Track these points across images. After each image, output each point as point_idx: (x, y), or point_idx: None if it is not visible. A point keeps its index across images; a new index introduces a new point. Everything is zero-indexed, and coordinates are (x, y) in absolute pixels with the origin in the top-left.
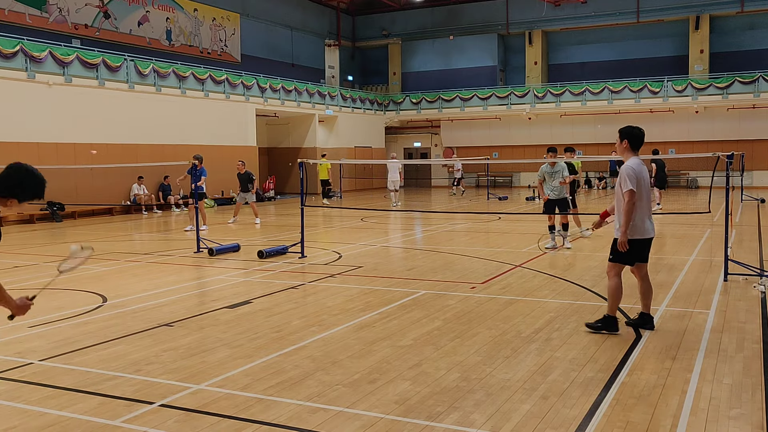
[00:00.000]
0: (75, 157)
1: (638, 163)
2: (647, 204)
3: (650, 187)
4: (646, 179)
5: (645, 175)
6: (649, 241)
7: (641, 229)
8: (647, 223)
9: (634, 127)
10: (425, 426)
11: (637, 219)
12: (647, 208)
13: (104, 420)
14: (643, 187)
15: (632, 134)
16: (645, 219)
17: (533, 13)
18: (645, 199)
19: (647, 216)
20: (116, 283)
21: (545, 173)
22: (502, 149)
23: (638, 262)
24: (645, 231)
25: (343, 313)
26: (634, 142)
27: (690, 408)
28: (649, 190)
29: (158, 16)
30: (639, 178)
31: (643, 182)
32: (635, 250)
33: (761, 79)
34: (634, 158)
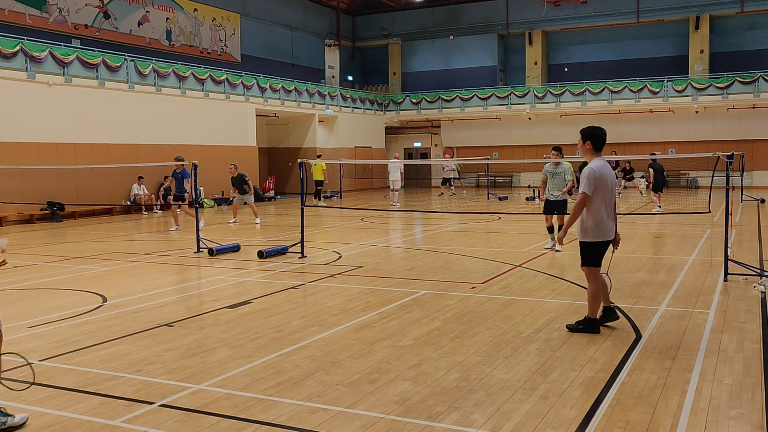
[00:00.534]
0: (75, 157)
1: (600, 165)
2: (609, 206)
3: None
4: (610, 180)
5: (608, 176)
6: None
7: (605, 230)
8: (609, 225)
9: (596, 128)
10: (425, 426)
11: (600, 220)
12: (611, 210)
13: (104, 420)
14: (606, 188)
15: (594, 135)
16: (608, 221)
17: (533, 13)
18: (608, 200)
19: (609, 217)
20: (116, 283)
21: (547, 173)
22: (502, 149)
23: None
24: (608, 233)
25: (343, 313)
26: (596, 143)
27: (690, 408)
28: (613, 192)
29: (158, 16)
30: (600, 179)
31: (606, 183)
32: (602, 251)
33: (761, 79)
34: (597, 159)
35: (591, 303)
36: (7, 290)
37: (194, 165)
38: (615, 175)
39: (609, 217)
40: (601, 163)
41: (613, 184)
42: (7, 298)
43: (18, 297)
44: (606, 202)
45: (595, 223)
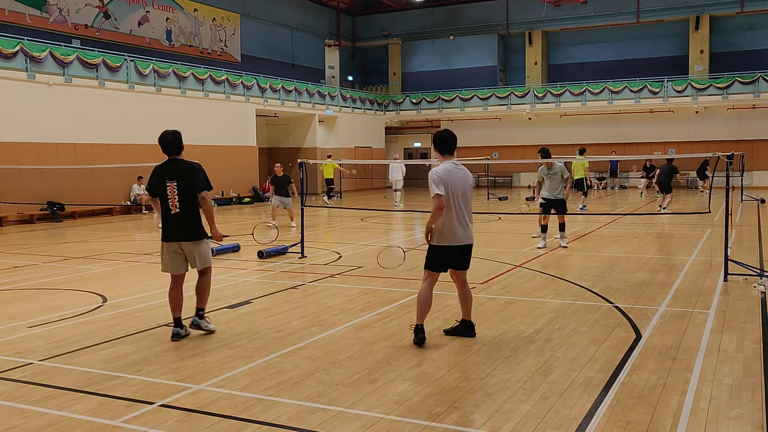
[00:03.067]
0: (75, 157)
1: (446, 168)
2: (459, 211)
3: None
4: (460, 185)
5: (457, 180)
6: (462, 249)
7: (448, 236)
8: (458, 230)
9: (441, 131)
10: (425, 426)
11: (445, 225)
12: (459, 215)
13: (104, 420)
14: (455, 193)
15: (439, 139)
16: (455, 226)
17: (533, 13)
18: (456, 205)
19: (458, 222)
20: (116, 283)
21: (542, 175)
22: (502, 149)
23: (453, 269)
24: (454, 238)
25: (343, 313)
26: (442, 147)
27: (690, 408)
28: (463, 197)
29: (158, 16)
30: (446, 183)
31: (455, 187)
32: (444, 256)
33: (761, 79)
34: (445, 163)
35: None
36: (7, 290)
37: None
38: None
39: (460, 223)
40: (448, 166)
41: (466, 189)
42: (7, 298)
43: (18, 297)
44: (455, 207)
45: (441, 226)
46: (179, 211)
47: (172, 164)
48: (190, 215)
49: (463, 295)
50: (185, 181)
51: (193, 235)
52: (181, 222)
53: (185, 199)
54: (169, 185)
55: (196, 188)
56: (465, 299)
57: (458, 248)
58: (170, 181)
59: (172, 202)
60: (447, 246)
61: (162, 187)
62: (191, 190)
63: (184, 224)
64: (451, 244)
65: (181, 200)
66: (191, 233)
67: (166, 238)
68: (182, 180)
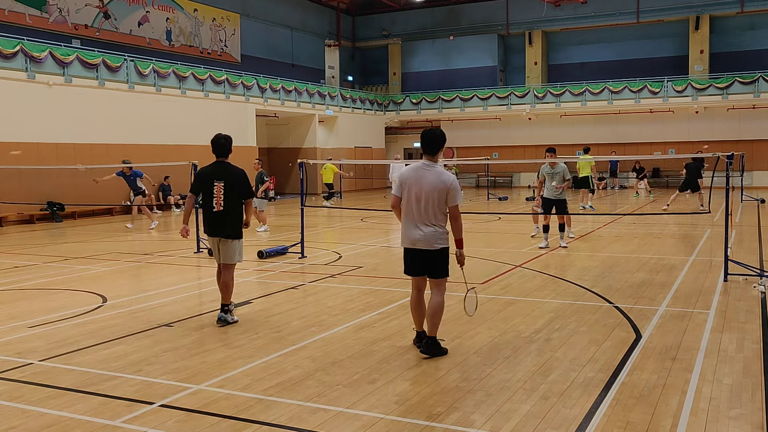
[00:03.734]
0: (75, 157)
1: (412, 168)
2: (413, 212)
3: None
4: (420, 186)
5: (419, 182)
6: (416, 253)
7: (405, 237)
8: (409, 232)
9: (427, 130)
10: (425, 426)
11: (404, 226)
12: (413, 217)
13: (104, 420)
14: (410, 194)
15: (422, 138)
16: (407, 227)
17: (533, 14)
18: (414, 207)
19: (412, 224)
20: (116, 283)
21: (545, 174)
22: (502, 149)
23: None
24: (405, 239)
25: (343, 313)
26: (424, 146)
27: (690, 408)
28: (420, 199)
29: (158, 16)
30: (404, 183)
31: (411, 189)
32: (407, 259)
33: (761, 79)
34: (417, 162)
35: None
36: (7, 290)
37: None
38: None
39: (414, 225)
40: (416, 166)
41: (425, 191)
42: (7, 298)
43: (18, 297)
44: (410, 209)
45: (401, 227)
46: (222, 210)
47: (220, 166)
48: (232, 215)
49: (430, 305)
50: (231, 184)
51: (231, 234)
52: (222, 220)
53: (229, 200)
54: (216, 185)
55: (241, 192)
56: (431, 309)
57: (416, 252)
58: (218, 181)
59: (217, 201)
60: (405, 248)
61: (208, 186)
62: (237, 192)
63: (224, 222)
64: (406, 246)
65: (225, 200)
66: (229, 232)
67: (209, 233)
68: (229, 182)
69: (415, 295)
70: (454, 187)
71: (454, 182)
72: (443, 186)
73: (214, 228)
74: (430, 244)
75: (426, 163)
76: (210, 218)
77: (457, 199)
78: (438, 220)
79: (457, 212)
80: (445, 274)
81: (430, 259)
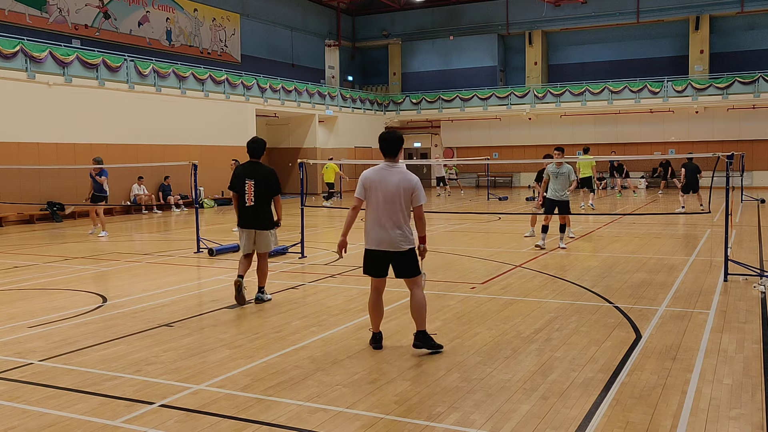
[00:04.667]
0: (75, 157)
1: (375, 170)
2: (378, 213)
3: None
4: (383, 188)
5: (383, 184)
6: (380, 254)
7: (366, 237)
8: (372, 233)
9: (383, 133)
10: (425, 426)
11: (368, 227)
12: (378, 217)
13: (104, 420)
14: (374, 196)
15: (380, 141)
16: (371, 228)
17: (533, 14)
18: (375, 208)
19: (377, 225)
20: (116, 283)
21: (550, 173)
22: (502, 149)
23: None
24: (370, 240)
25: (343, 313)
26: (382, 148)
27: (690, 408)
28: (385, 200)
29: (158, 16)
30: (367, 185)
31: (376, 191)
32: (369, 260)
33: (761, 79)
34: (376, 166)
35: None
36: (7, 290)
37: (194, 165)
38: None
39: (379, 225)
40: (375, 169)
41: (390, 192)
42: (7, 298)
43: (18, 297)
44: (376, 210)
45: (365, 228)
46: (254, 204)
47: (253, 166)
48: (263, 209)
49: (412, 302)
50: (262, 182)
51: (264, 225)
52: (254, 213)
53: (260, 196)
54: (248, 183)
55: (270, 189)
56: (413, 306)
57: (380, 253)
58: (249, 179)
59: (249, 197)
60: (368, 249)
61: (241, 184)
62: (266, 189)
63: (257, 215)
64: (369, 247)
65: (256, 196)
66: (262, 223)
67: (243, 225)
68: (259, 180)
69: (374, 296)
70: (418, 187)
71: (418, 182)
72: (409, 186)
73: (248, 221)
74: (396, 246)
75: (388, 164)
76: (244, 212)
77: (421, 200)
78: (404, 221)
79: (422, 212)
80: (417, 272)
81: (399, 261)
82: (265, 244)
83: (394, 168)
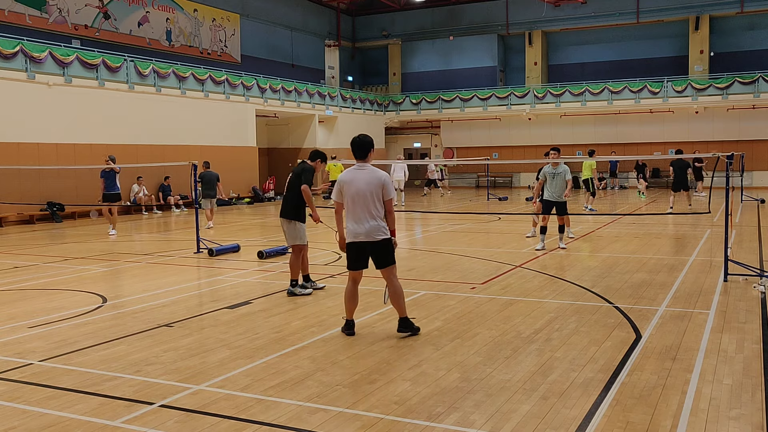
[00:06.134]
0: (75, 157)
1: (346, 173)
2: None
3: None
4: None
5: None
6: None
7: (350, 233)
8: (351, 227)
9: (354, 138)
10: (425, 426)
11: (349, 224)
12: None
13: (104, 420)
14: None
15: (352, 145)
16: (349, 223)
17: (533, 14)
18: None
19: (353, 220)
20: (116, 283)
21: (547, 174)
22: (502, 150)
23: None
24: (349, 234)
25: (343, 313)
26: (355, 152)
27: (690, 408)
28: (357, 196)
29: (158, 16)
30: (341, 186)
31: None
32: (351, 254)
33: (761, 79)
34: (348, 168)
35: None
36: (7, 290)
37: (194, 165)
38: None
39: (354, 220)
40: (349, 170)
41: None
42: (7, 298)
43: (18, 297)
44: (351, 206)
45: (345, 224)
46: (285, 194)
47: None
48: (290, 199)
49: (390, 291)
50: (295, 174)
51: (286, 214)
52: (284, 202)
53: (290, 187)
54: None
55: (299, 181)
56: (392, 295)
57: (358, 245)
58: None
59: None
60: (349, 243)
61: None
62: (296, 181)
63: (284, 204)
64: (349, 240)
65: (288, 187)
66: (286, 212)
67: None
68: (294, 173)
69: (351, 286)
70: (387, 182)
71: (387, 178)
72: (378, 182)
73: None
74: (371, 236)
75: (359, 165)
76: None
77: (390, 194)
78: (377, 214)
79: (391, 206)
80: (392, 261)
81: (375, 250)
82: (290, 235)
83: (364, 168)
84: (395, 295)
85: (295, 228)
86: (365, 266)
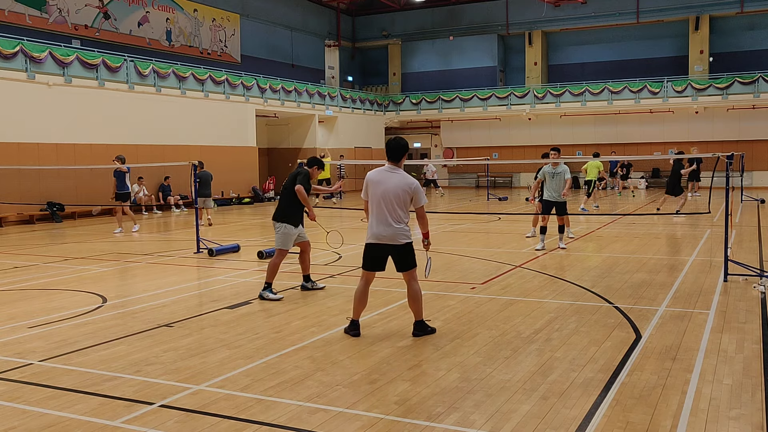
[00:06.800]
0: (75, 157)
1: (376, 171)
2: (379, 210)
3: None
4: (383, 187)
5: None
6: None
7: (369, 233)
8: (374, 228)
9: (390, 140)
10: (425, 426)
11: (371, 224)
12: (378, 214)
13: (104, 420)
14: (375, 195)
15: (387, 147)
16: (373, 223)
17: (533, 14)
18: (376, 205)
19: (377, 221)
20: (116, 283)
21: (546, 174)
22: (502, 150)
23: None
24: (371, 235)
25: (343, 313)
26: (389, 154)
27: (690, 408)
28: (384, 198)
29: (158, 16)
30: (369, 185)
31: (376, 190)
32: (369, 255)
33: (761, 79)
34: (379, 167)
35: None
36: (7, 290)
37: (194, 166)
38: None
39: (378, 221)
40: (379, 169)
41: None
42: (7, 298)
43: (18, 297)
44: (375, 207)
45: (368, 225)
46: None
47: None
48: (282, 202)
49: (409, 294)
50: (290, 178)
51: (276, 217)
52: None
53: (284, 191)
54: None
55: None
56: (410, 298)
57: (380, 247)
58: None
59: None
60: (369, 243)
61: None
62: (290, 185)
63: (277, 207)
64: (370, 241)
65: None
66: (276, 215)
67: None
68: (290, 177)
69: (362, 287)
70: (418, 190)
71: (417, 185)
72: (407, 188)
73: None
74: (395, 240)
75: (390, 167)
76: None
77: (421, 201)
78: (401, 218)
79: (423, 212)
80: (413, 264)
81: (398, 253)
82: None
83: (395, 171)
84: (414, 298)
85: (282, 232)
86: (382, 269)
